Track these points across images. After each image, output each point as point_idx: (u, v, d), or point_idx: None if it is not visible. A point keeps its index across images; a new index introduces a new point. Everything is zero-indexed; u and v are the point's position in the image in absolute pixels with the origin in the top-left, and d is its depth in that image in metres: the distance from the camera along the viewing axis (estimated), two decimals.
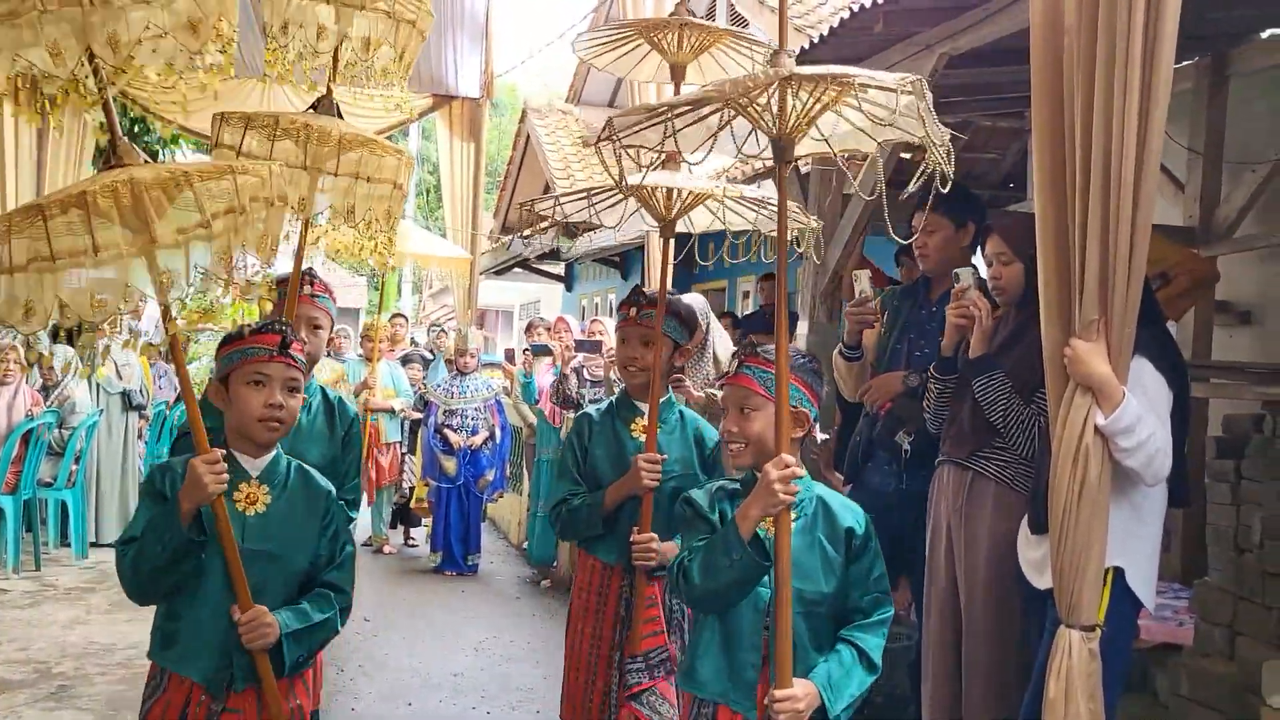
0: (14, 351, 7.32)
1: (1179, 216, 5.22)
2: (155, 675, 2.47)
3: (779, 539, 2.28)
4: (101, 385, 8.32)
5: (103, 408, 8.23)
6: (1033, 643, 2.97)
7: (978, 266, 3.51)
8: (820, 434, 2.62)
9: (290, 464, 2.58)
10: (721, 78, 3.31)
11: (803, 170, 5.44)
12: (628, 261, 13.64)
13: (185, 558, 2.34)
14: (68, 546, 7.87)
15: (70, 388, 7.77)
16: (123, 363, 8.55)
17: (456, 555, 8.00)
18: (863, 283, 3.93)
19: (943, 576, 3.43)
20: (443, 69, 10.05)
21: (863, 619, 2.43)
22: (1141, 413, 2.58)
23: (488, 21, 9.49)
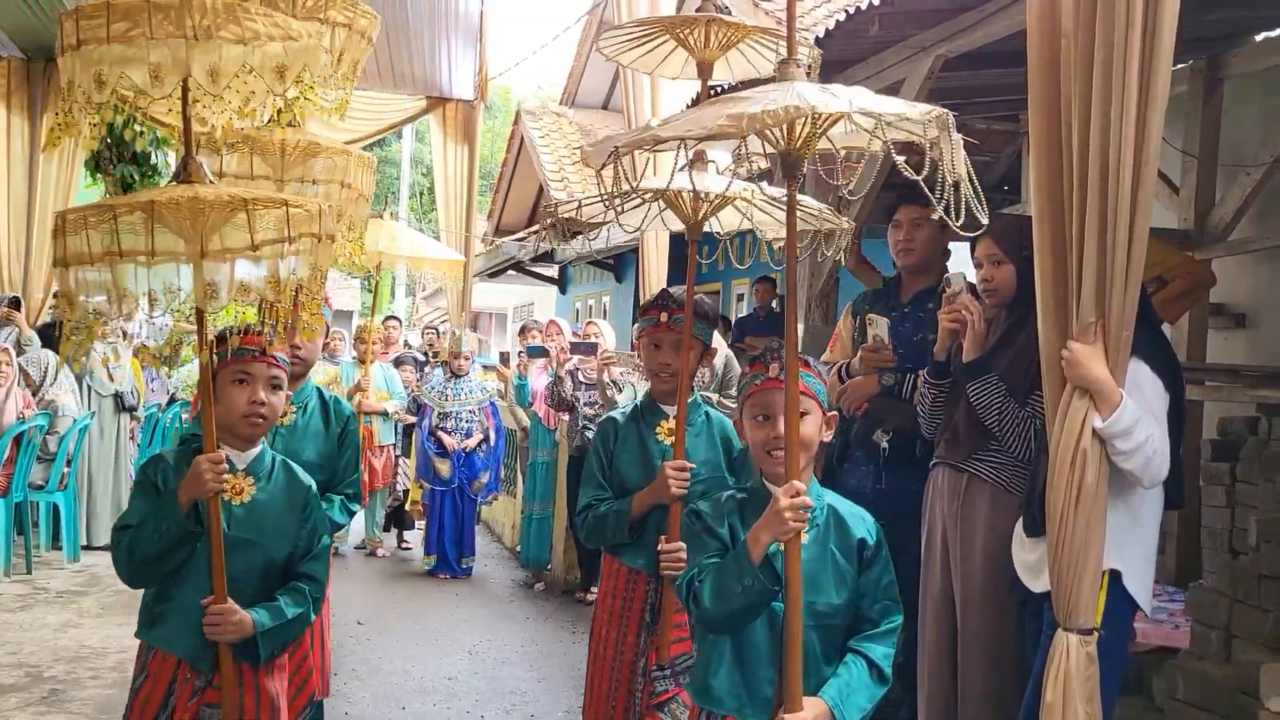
0: (5, 354, 7.28)
1: (1174, 219, 5.23)
2: (143, 653, 2.65)
3: (789, 565, 2.26)
4: (93, 387, 8.28)
5: (94, 410, 8.19)
6: (1029, 646, 2.96)
7: (965, 271, 3.52)
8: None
9: (275, 458, 2.75)
10: (750, 74, 3.31)
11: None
12: (622, 264, 13.64)
13: (180, 546, 2.52)
14: (59, 550, 7.82)
15: (54, 392, 7.71)
16: (114, 365, 8.51)
17: (450, 558, 7.99)
18: (878, 327, 3.90)
19: (938, 580, 3.43)
20: (436, 71, 10.05)
21: (872, 628, 2.42)
22: (1139, 415, 2.58)
23: (482, 24, 9.48)
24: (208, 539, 2.53)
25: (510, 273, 16.17)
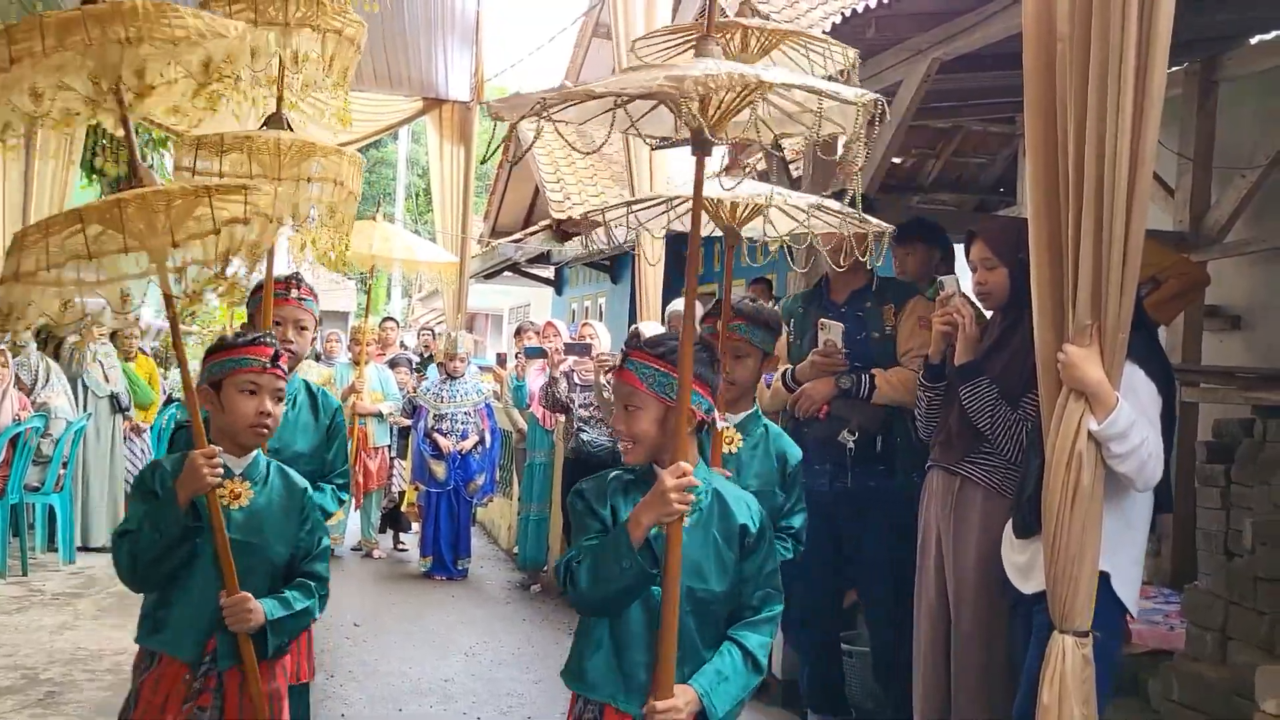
0: (0, 355, 7.27)
1: (1169, 221, 5.24)
2: (144, 659, 2.65)
3: (670, 549, 2.24)
4: (89, 388, 8.27)
5: (90, 411, 8.18)
6: (1019, 647, 2.97)
7: (956, 275, 3.53)
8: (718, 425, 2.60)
9: (269, 463, 2.78)
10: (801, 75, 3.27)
11: (794, 175, 5.45)
12: (618, 266, 13.64)
13: (180, 545, 2.52)
14: (55, 552, 7.81)
15: (48, 394, 7.69)
16: (109, 365, 8.49)
17: (446, 560, 7.98)
18: (831, 333, 3.92)
19: (932, 580, 3.44)
20: (433, 72, 10.04)
21: (752, 615, 2.40)
22: (1135, 418, 2.58)
23: (478, 25, 9.48)
24: (211, 537, 2.54)
25: (506, 274, 16.14)
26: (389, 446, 8.74)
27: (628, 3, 7.05)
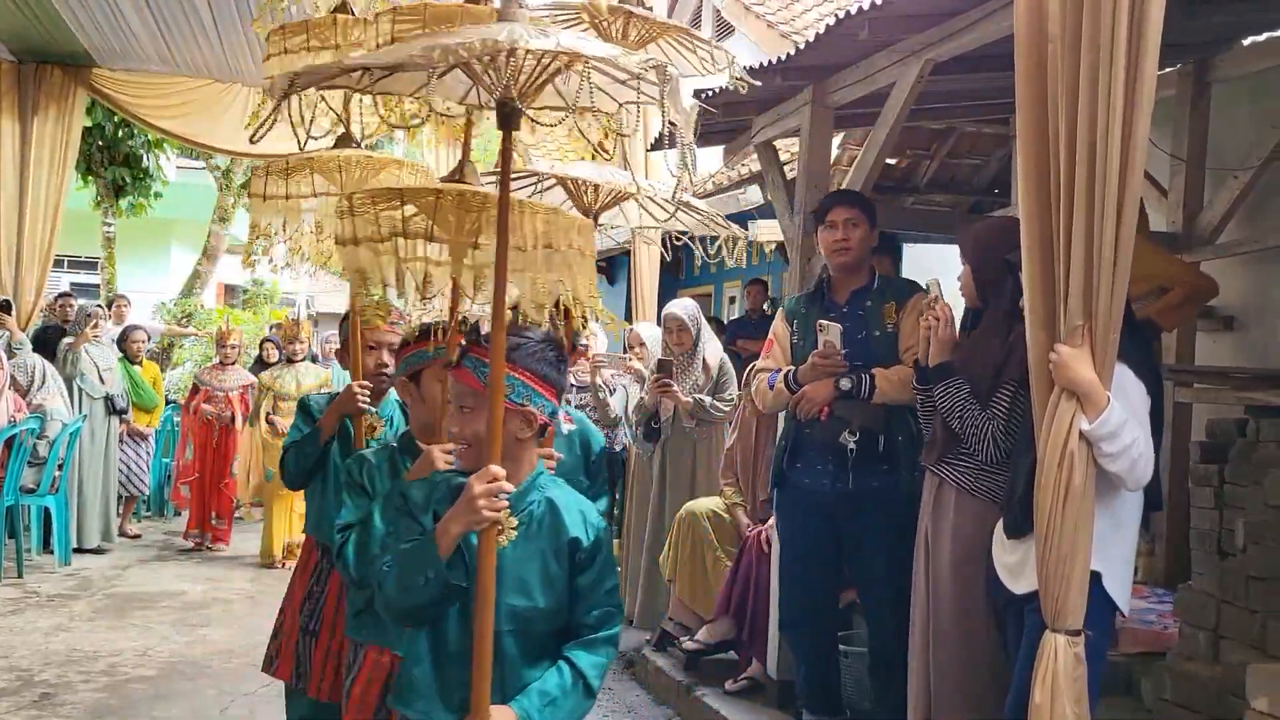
0: None
1: (1162, 222, 5.25)
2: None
3: (481, 561, 2.09)
4: (84, 390, 8.26)
5: (86, 413, 8.17)
6: (1011, 647, 2.98)
7: (939, 278, 3.55)
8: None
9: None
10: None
11: (788, 176, 5.46)
12: (614, 266, 13.65)
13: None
14: (50, 553, 7.81)
15: (44, 396, 7.69)
16: (105, 367, 8.49)
17: None
18: (829, 333, 3.92)
19: (923, 580, 3.46)
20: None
21: (589, 634, 2.23)
22: (1126, 418, 2.59)
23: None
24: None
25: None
26: None
27: None
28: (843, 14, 4.00)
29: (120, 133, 11.85)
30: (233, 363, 9.19)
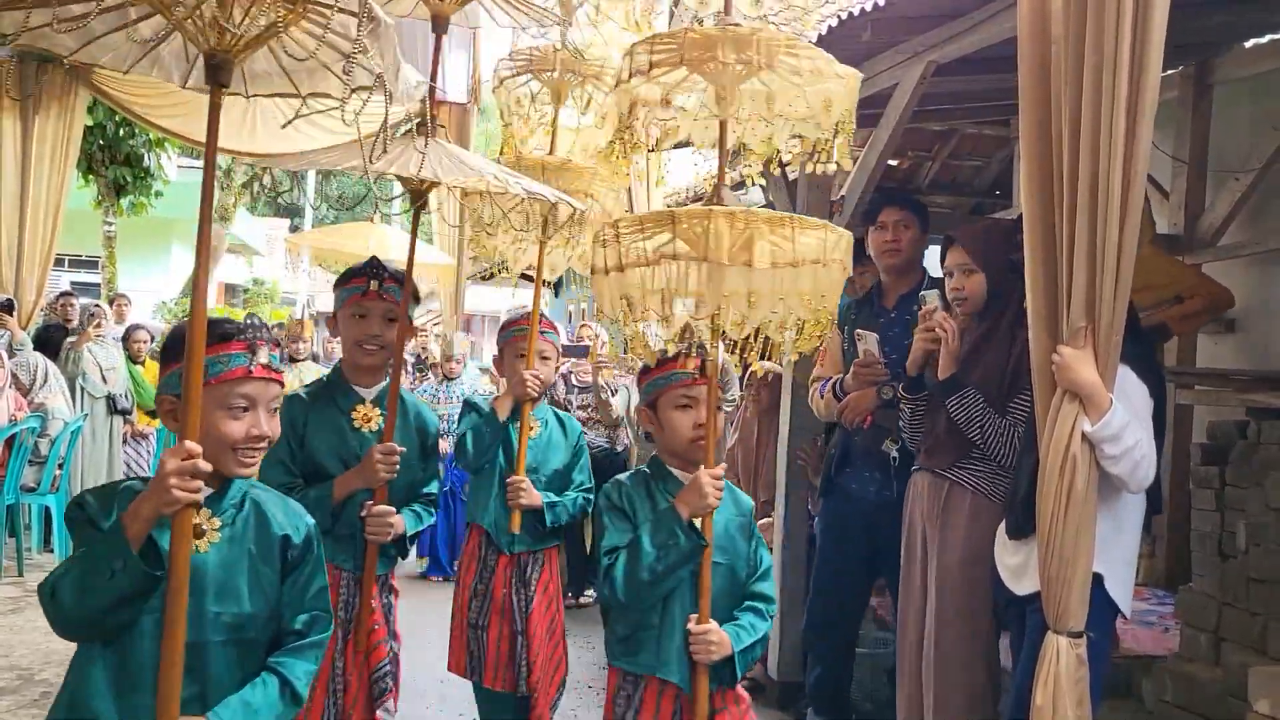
0: None
1: (1164, 224, 5.26)
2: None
3: (175, 551, 1.84)
4: (86, 389, 8.26)
5: (87, 412, 8.17)
6: (1013, 647, 2.98)
7: (937, 290, 3.55)
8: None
9: None
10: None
11: (790, 177, 5.45)
12: None
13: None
14: (51, 552, 7.81)
15: (45, 395, 7.69)
16: (108, 367, 8.49)
17: (443, 560, 7.97)
18: (868, 343, 3.94)
19: (918, 581, 3.46)
20: (429, 74, 10.04)
21: (297, 640, 2.08)
22: (1128, 420, 2.59)
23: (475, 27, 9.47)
24: None
25: (504, 275, 16.13)
26: None
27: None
28: (845, 15, 4.00)
29: (121, 132, 11.85)
30: (305, 359, 9.16)
